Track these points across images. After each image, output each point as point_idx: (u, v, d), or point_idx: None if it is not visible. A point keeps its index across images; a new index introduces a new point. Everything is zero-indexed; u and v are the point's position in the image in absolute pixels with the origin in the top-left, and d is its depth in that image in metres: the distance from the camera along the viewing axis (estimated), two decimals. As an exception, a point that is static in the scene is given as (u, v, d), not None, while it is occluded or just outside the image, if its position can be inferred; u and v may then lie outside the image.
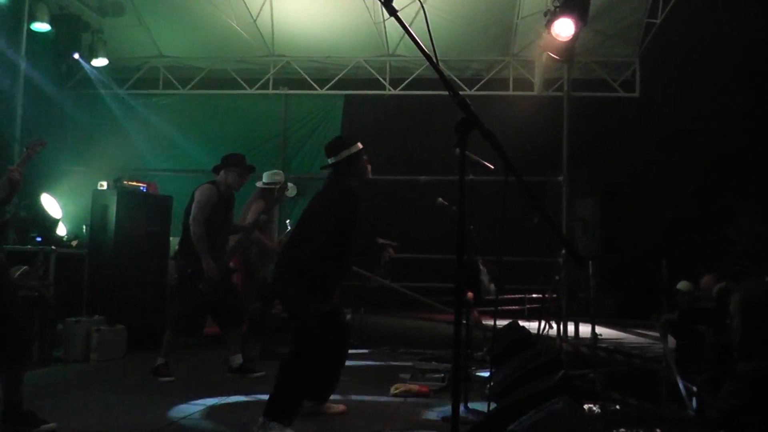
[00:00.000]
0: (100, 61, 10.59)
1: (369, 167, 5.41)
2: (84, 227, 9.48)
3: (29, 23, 9.42)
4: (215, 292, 6.83)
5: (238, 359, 7.11)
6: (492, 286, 7.57)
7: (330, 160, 5.30)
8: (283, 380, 4.87)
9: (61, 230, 9.67)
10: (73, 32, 10.12)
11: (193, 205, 6.84)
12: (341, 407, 5.66)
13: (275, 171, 8.33)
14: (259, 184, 8.15)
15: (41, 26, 9.47)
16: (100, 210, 8.91)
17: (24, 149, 4.68)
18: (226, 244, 7.21)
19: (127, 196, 9.05)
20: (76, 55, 10.48)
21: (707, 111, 12.82)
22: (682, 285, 9.04)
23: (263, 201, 7.92)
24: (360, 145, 5.32)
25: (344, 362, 5.65)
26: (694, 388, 5.92)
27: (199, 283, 6.78)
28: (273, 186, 7.90)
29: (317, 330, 5.02)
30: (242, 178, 7.16)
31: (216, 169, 7.15)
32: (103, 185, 9.10)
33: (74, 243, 9.43)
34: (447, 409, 5.70)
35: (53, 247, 8.64)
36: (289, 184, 8.19)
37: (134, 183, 9.37)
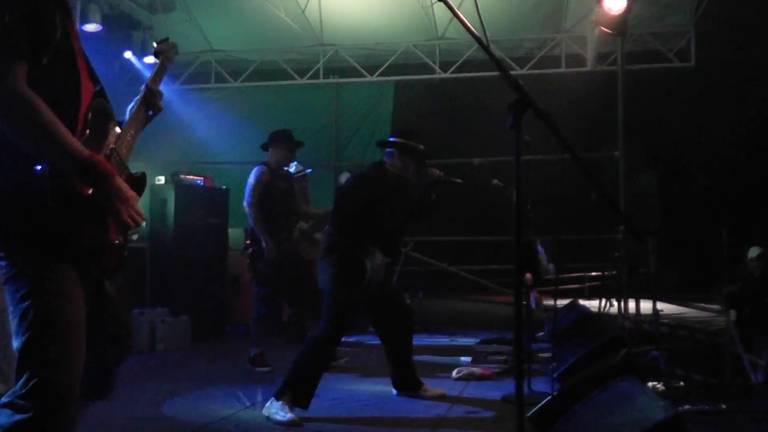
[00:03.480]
0: (152, 59, 10.68)
1: (414, 169, 5.50)
2: (143, 221, 9.65)
3: (81, 24, 9.53)
4: (277, 275, 6.77)
5: None
6: (551, 266, 7.50)
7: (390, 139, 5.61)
8: (300, 361, 5.00)
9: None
10: (124, 31, 10.24)
11: (246, 189, 6.86)
12: (440, 390, 5.71)
13: None
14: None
15: (92, 27, 9.56)
16: (158, 204, 9.07)
17: (155, 57, 3.35)
18: (293, 227, 7.05)
19: (184, 190, 9.19)
20: (128, 54, 10.62)
21: (767, 77, 12.50)
22: (754, 251, 8.74)
23: None
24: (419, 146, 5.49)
25: (411, 344, 5.72)
26: (762, 362, 5.81)
27: (258, 263, 6.79)
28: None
29: (345, 314, 5.14)
30: (291, 153, 7.12)
31: (264, 147, 7.14)
32: (161, 180, 9.25)
33: (135, 237, 9.60)
34: (510, 390, 5.69)
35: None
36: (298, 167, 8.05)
37: (191, 176, 9.51)
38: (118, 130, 2.75)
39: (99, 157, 2.38)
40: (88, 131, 2.46)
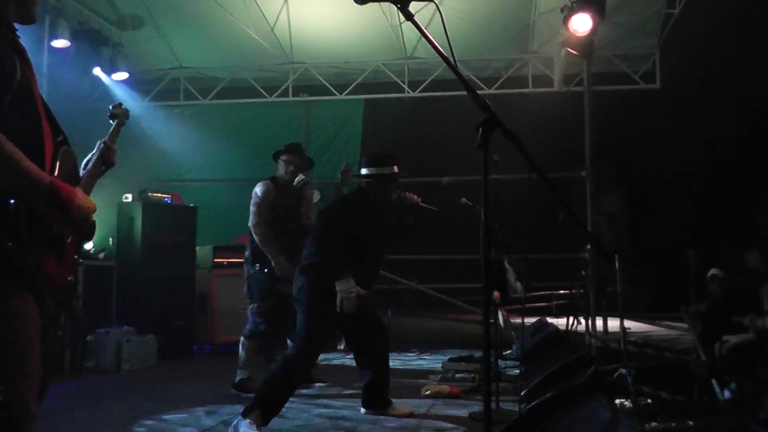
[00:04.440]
0: (121, 75, 10.62)
1: (395, 195, 5.49)
2: (110, 239, 9.56)
3: (50, 40, 9.45)
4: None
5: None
6: (519, 285, 7.53)
7: (363, 171, 5.50)
8: (273, 379, 4.97)
9: (87, 243, 9.75)
10: (93, 47, 10.16)
11: (251, 207, 6.52)
12: (408, 408, 5.70)
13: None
14: None
15: (61, 43, 9.47)
16: (126, 222, 9.00)
17: (110, 121, 3.46)
18: (302, 241, 6.24)
19: (152, 208, 9.13)
20: (97, 70, 10.54)
21: (731, 99, 12.72)
22: (715, 271, 8.85)
23: None
24: (394, 170, 5.45)
25: (387, 362, 5.69)
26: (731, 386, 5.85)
27: (277, 284, 6.41)
28: None
29: (319, 334, 5.12)
30: (287, 166, 6.72)
31: (275, 157, 6.86)
32: (128, 197, 9.17)
33: (101, 255, 9.51)
34: (478, 408, 5.69)
35: (81, 259, 8.69)
36: (315, 192, 8.07)
37: (158, 194, 9.44)
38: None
39: (60, 182, 2.47)
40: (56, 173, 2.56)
